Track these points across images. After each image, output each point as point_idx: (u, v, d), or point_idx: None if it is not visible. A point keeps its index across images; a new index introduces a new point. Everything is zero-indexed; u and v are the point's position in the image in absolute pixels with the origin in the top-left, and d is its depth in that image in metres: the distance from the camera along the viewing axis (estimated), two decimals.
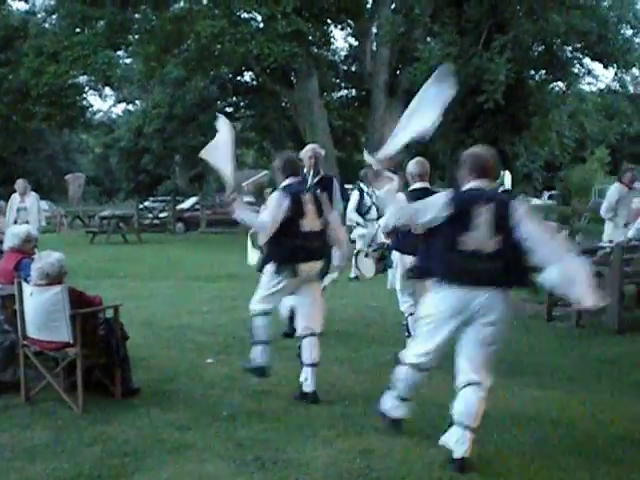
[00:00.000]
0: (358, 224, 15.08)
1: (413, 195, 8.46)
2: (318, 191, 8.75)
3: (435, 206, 5.46)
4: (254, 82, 38.33)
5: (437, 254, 5.50)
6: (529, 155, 27.45)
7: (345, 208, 13.44)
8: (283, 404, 6.81)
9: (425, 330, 5.59)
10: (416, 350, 5.73)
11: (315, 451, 5.61)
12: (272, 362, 8.35)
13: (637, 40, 26.76)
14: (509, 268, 5.31)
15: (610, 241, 11.50)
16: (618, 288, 10.22)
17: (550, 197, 38.12)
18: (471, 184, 5.51)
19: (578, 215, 26.86)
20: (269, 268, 7.23)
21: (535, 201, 34.07)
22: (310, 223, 7.19)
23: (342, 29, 35.57)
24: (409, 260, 8.44)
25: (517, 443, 5.81)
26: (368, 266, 9.28)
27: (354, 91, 38.19)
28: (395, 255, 8.51)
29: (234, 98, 41.45)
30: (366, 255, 9.19)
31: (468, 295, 5.31)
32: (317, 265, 7.33)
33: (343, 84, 38.43)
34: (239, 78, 38.76)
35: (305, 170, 9.81)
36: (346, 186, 43.00)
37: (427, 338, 5.58)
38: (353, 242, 20.98)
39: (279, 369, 8.06)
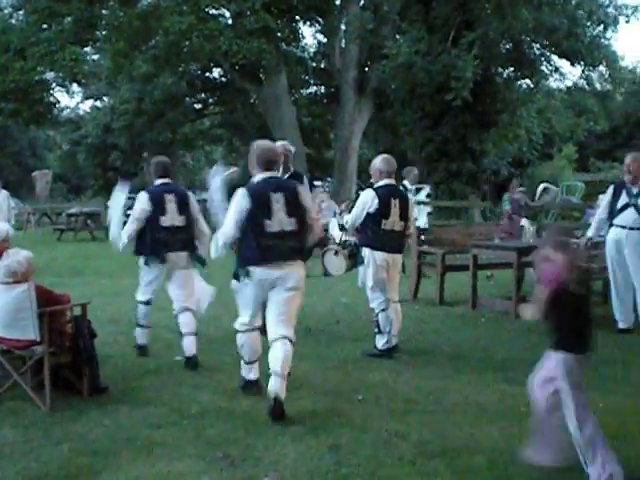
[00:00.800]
0: None
1: (380, 192, 8.51)
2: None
3: None
4: (223, 78, 38.17)
5: None
6: (497, 152, 27.59)
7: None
8: (252, 401, 6.79)
9: None
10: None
11: (284, 448, 5.61)
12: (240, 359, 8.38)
13: (604, 37, 26.93)
14: None
15: (577, 237, 11.58)
16: None
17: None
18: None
19: (546, 211, 27.02)
20: (141, 261, 8.57)
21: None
22: (170, 219, 8.37)
23: (311, 26, 35.50)
24: (379, 256, 8.47)
25: (485, 438, 5.83)
26: (338, 264, 9.28)
27: (323, 88, 38.12)
28: (365, 252, 8.53)
29: (203, 94, 41.24)
30: (336, 253, 9.19)
31: None
32: (182, 255, 8.45)
33: (312, 81, 38.34)
34: (208, 74, 38.56)
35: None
36: (315, 183, 42.96)
37: None
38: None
39: None
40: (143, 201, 8.41)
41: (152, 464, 5.35)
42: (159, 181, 8.67)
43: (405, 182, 14.14)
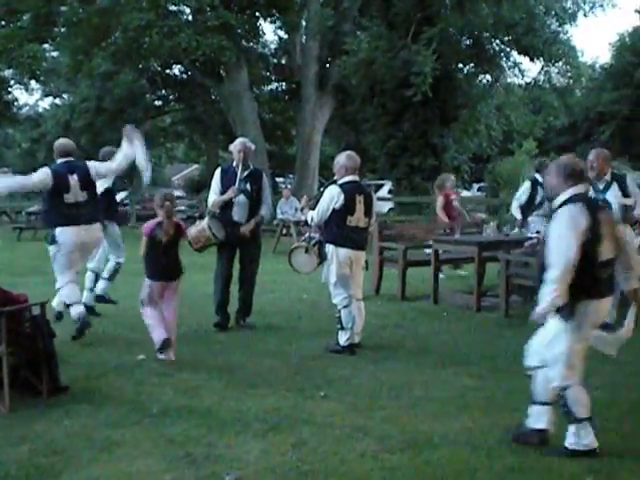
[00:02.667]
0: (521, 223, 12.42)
1: (345, 188, 8.51)
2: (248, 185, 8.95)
3: None
4: (183, 75, 38.07)
5: None
6: (458, 147, 27.70)
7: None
8: (215, 399, 6.77)
9: None
10: None
11: (246, 445, 5.59)
12: (202, 356, 8.35)
13: (563, 32, 27.13)
14: None
15: (537, 232, 11.65)
16: None
17: (479, 189, 38.46)
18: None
19: (506, 206, 27.15)
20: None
21: (465, 193, 34.39)
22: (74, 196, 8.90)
23: (272, 22, 35.46)
24: (343, 253, 8.47)
25: (448, 432, 5.85)
26: (308, 262, 9.23)
27: (284, 84, 38.14)
28: (329, 248, 8.52)
29: (163, 91, 41.12)
30: (306, 250, 9.15)
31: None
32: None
33: (273, 77, 38.35)
34: (168, 71, 38.43)
35: (234, 164, 9.80)
36: (277, 179, 42.84)
37: None
38: (286, 235, 21.07)
39: (209, 363, 8.04)
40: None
41: (113, 464, 5.30)
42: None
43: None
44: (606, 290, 5.43)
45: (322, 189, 9.11)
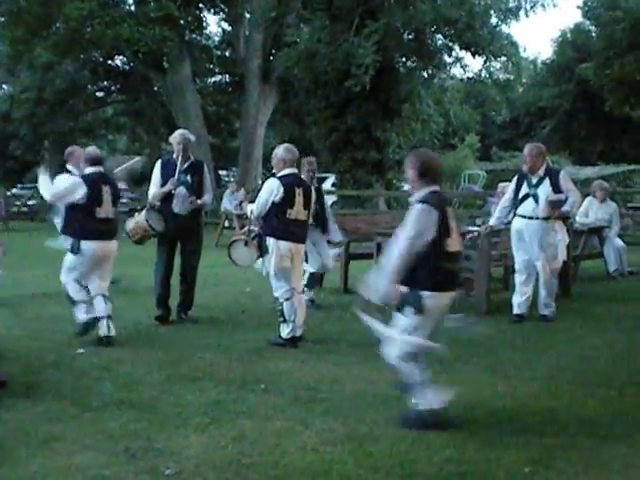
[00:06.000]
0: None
1: (285, 181, 8.51)
2: (189, 177, 8.91)
3: None
4: (126, 66, 37.71)
5: None
6: (400, 141, 27.87)
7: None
8: (155, 393, 6.72)
9: None
10: None
11: (187, 439, 5.56)
12: (143, 350, 8.29)
13: (506, 25, 27.40)
14: None
15: (478, 225, 11.78)
16: (486, 271, 10.49)
17: None
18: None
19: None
20: None
21: (407, 187, 34.58)
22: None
23: (215, 14, 35.30)
24: (284, 245, 8.47)
25: (388, 424, 5.88)
26: (249, 255, 9.20)
27: (228, 76, 38.00)
28: (270, 241, 8.51)
29: (105, 82, 40.72)
30: (246, 243, 9.12)
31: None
32: None
33: (217, 69, 38.18)
34: (110, 62, 38.04)
35: (174, 155, 9.74)
36: (220, 172, 42.61)
37: None
38: (229, 228, 21.01)
39: (150, 357, 7.98)
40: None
41: (52, 458, 5.24)
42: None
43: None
44: (450, 284, 5.89)
45: (264, 182, 9.11)
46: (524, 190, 9.90)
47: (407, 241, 5.60)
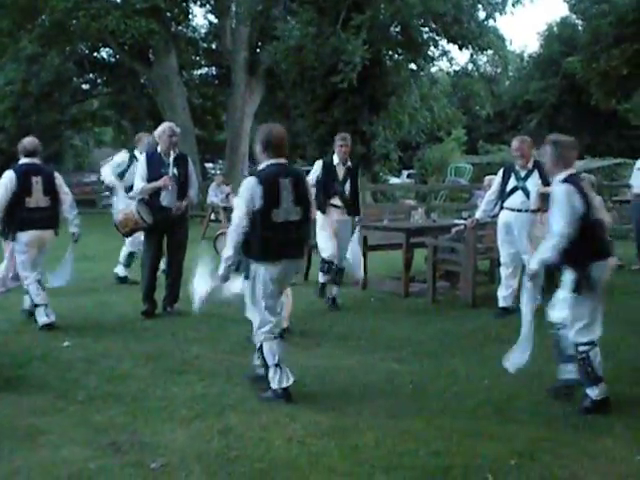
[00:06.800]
0: None
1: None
2: (175, 170, 8.86)
3: None
4: (112, 59, 37.49)
5: None
6: (387, 135, 27.87)
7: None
8: (141, 386, 6.72)
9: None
10: None
11: (173, 433, 5.56)
12: (129, 343, 8.27)
13: (493, 19, 27.36)
14: None
15: (465, 218, 11.78)
16: (472, 264, 10.50)
17: (409, 176, 38.77)
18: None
19: (434, 193, 27.44)
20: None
21: (394, 180, 34.64)
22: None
23: (202, 6, 35.09)
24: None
25: (373, 416, 5.90)
26: None
27: (214, 69, 37.84)
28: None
29: (91, 75, 40.46)
30: None
31: None
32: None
33: (203, 62, 38.01)
34: (96, 55, 37.83)
35: (159, 149, 9.70)
36: (207, 165, 42.44)
37: None
38: (215, 221, 20.94)
39: (136, 351, 7.97)
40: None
41: (36, 452, 5.23)
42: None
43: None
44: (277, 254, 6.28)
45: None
46: (512, 183, 9.88)
47: (239, 211, 6.17)
